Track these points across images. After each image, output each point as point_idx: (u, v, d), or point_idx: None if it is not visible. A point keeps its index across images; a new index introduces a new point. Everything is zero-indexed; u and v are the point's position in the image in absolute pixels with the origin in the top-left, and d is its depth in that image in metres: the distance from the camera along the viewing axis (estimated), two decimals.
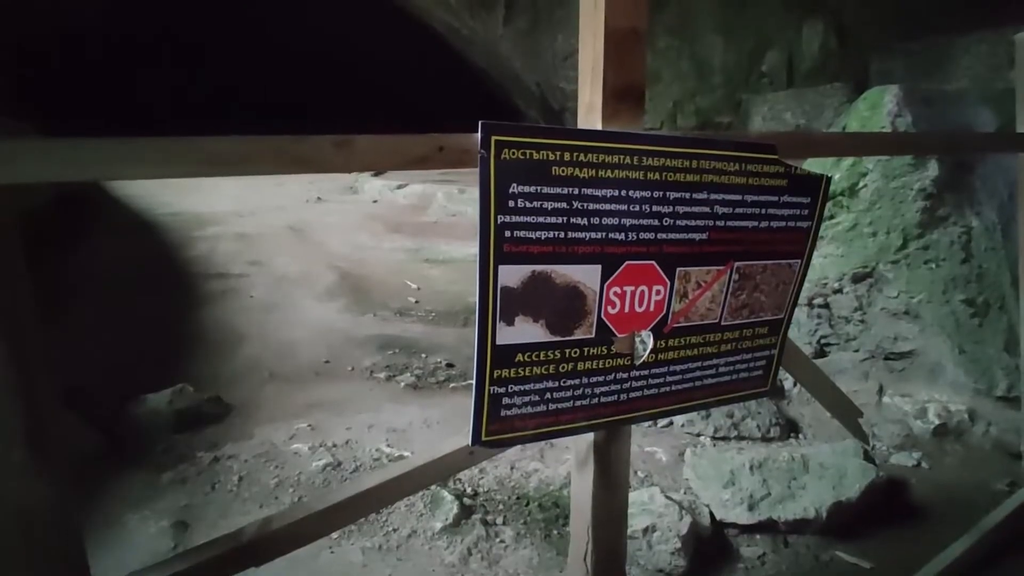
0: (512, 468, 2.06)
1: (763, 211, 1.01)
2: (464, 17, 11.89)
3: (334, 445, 2.19)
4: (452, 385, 2.73)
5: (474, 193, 0.80)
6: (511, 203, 0.80)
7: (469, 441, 0.90)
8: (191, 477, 1.99)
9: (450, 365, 2.90)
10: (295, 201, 6.21)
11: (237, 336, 3.02)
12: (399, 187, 6.02)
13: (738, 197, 0.98)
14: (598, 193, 0.85)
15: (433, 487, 1.85)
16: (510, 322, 0.84)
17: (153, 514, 1.80)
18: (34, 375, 0.62)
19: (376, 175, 7.40)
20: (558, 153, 0.82)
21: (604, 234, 0.88)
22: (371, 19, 14.84)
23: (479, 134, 0.79)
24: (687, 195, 0.93)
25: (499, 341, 0.85)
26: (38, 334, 0.63)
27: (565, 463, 2.05)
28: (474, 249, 0.81)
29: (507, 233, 0.81)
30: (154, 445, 2.14)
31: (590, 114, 0.92)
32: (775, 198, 1.02)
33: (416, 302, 3.64)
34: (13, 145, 0.58)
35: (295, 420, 2.34)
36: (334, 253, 4.35)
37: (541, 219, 0.82)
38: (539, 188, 0.81)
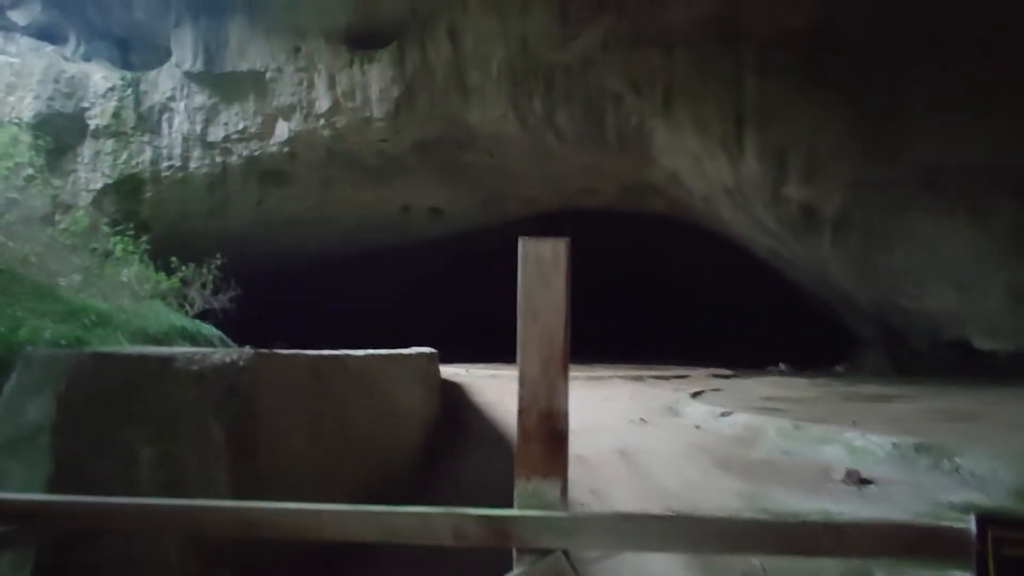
0: None
1: None
2: (788, 241, 12.02)
3: None
4: None
5: (810, 430, 0.77)
6: None
7: None
8: None
9: None
10: (620, 420, 6.56)
11: None
12: (723, 414, 5.89)
13: None
14: None
15: None
16: None
17: None
18: None
19: (695, 396, 7.40)
20: None
21: None
22: (689, 247, 15.99)
23: (973, 526, 0.77)
24: None
25: None
26: None
27: None
28: (822, 504, 0.76)
29: None
30: None
31: None
32: None
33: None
34: None
35: None
36: (665, 489, 4.35)
37: None
38: None
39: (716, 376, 10.76)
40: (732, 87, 10.54)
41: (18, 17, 12.83)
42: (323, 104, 12.02)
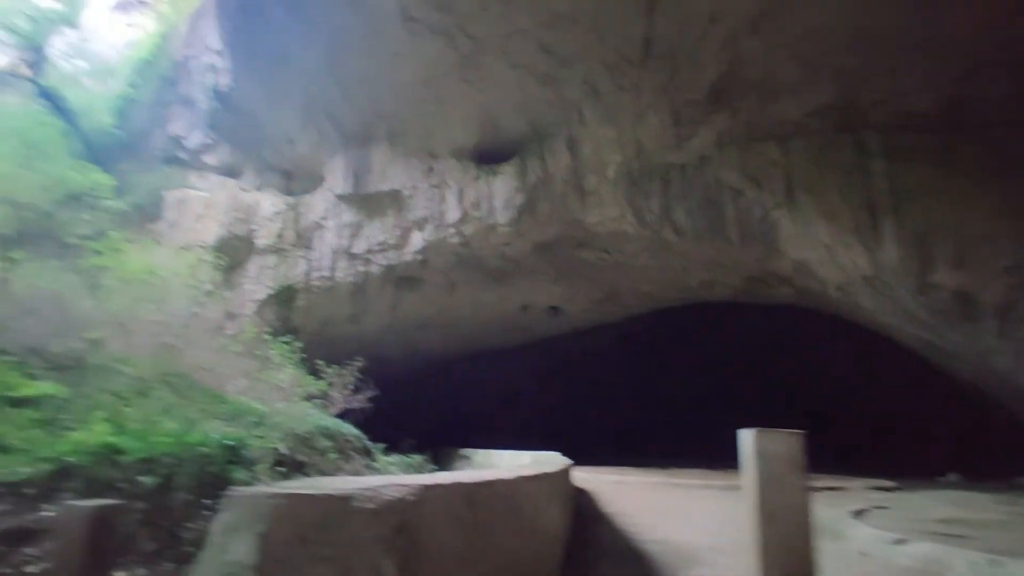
0: None
1: None
2: (941, 330, 10.92)
3: None
4: None
5: (1010, 567, 0.71)
6: None
7: None
8: None
9: None
10: None
11: None
12: (898, 542, 5.26)
13: None
14: None
15: None
16: None
17: None
18: None
19: (858, 515, 6.70)
20: None
21: None
22: (832, 338, 14.95)
23: None
24: None
25: None
26: None
27: None
28: None
29: None
30: None
31: None
32: None
33: None
34: None
35: None
36: None
37: None
38: None
39: (876, 488, 9.64)
40: (857, 174, 10.21)
41: (209, 159, 15.45)
42: (453, 215, 13.09)
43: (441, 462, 13.48)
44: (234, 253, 14.30)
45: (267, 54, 12.76)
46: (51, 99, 17.48)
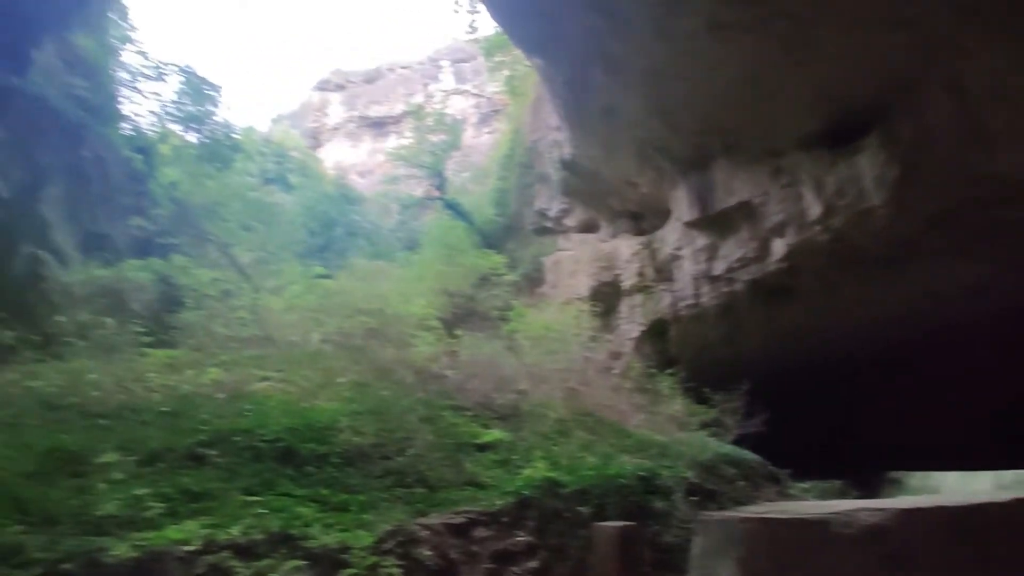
0: None
1: None
2: None
3: None
4: None
5: None
6: None
7: None
8: None
9: None
10: None
11: None
12: None
13: None
14: None
15: None
16: None
17: None
18: None
19: None
20: None
21: None
22: None
23: None
24: None
25: None
26: None
27: None
28: None
29: None
30: None
31: None
32: None
33: None
34: None
35: None
36: None
37: None
38: None
39: None
40: None
41: (569, 221, 17.62)
42: (814, 211, 11.90)
43: (864, 487, 11.95)
44: (606, 299, 15.75)
45: (595, 115, 14.07)
46: (453, 208, 22.59)
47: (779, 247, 12.64)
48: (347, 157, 59.15)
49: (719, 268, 13.73)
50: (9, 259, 12.45)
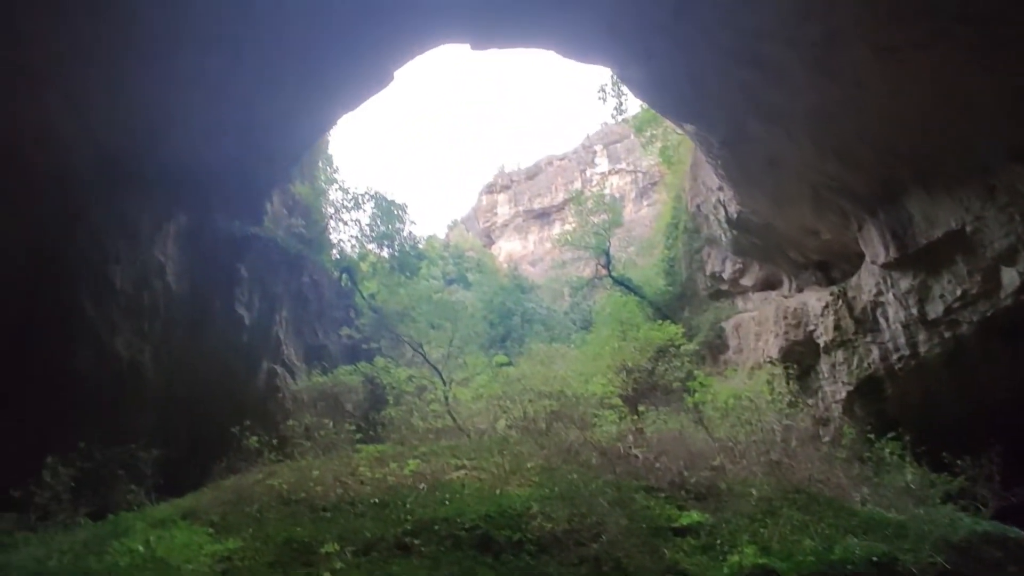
0: None
1: None
2: None
3: None
4: None
5: None
6: None
7: None
8: None
9: None
10: None
11: None
12: None
13: None
14: None
15: None
16: None
17: None
18: None
19: None
20: None
21: None
22: None
23: None
24: None
25: None
26: None
27: None
28: None
29: None
30: None
31: None
32: None
33: None
34: None
35: None
36: None
37: None
38: None
39: None
40: None
41: (745, 281, 16.68)
42: None
43: None
44: (800, 359, 14.32)
45: (758, 168, 13.50)
46: (622, 283, 22.62)
47: (1011, 277, 10.64)
48: (517, 249, 62.91)
49: (935, 311, 11.85)
50: (254, 375, 14.97)
